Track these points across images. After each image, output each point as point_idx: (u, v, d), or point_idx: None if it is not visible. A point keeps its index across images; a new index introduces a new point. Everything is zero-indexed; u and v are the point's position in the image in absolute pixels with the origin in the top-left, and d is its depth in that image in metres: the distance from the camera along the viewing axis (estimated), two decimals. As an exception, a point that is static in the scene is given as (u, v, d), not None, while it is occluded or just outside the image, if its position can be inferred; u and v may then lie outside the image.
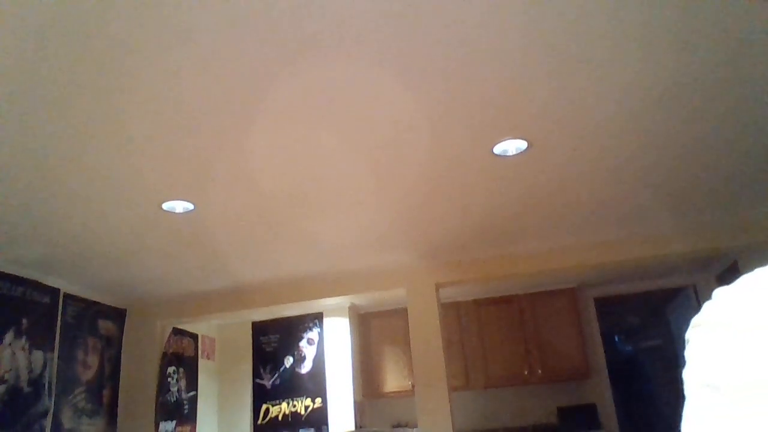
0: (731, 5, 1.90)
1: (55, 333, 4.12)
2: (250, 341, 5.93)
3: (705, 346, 0.45)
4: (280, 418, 5.62)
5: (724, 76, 2.32)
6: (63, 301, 4.22)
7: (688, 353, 0.47)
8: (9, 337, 3.68)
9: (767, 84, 2.40)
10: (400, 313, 5.71)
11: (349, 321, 5.75)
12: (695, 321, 0.48)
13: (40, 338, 3.94)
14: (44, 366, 3.95)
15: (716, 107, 2.57)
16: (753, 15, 1.95)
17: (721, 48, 2.13)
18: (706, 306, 0.47)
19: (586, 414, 5.58)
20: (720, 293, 0.47)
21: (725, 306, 0.45)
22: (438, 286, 4.71)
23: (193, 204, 3.14)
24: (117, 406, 4.72)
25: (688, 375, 0.46)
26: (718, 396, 0.42)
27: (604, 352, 5.87)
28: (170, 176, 2.80)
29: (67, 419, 4.13)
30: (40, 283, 4.01)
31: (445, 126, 2.55)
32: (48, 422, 3.94)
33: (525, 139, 2.73)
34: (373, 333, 6.00)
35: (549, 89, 2.32)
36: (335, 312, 5.75)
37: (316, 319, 5.77)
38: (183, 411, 5.25)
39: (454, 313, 5.93)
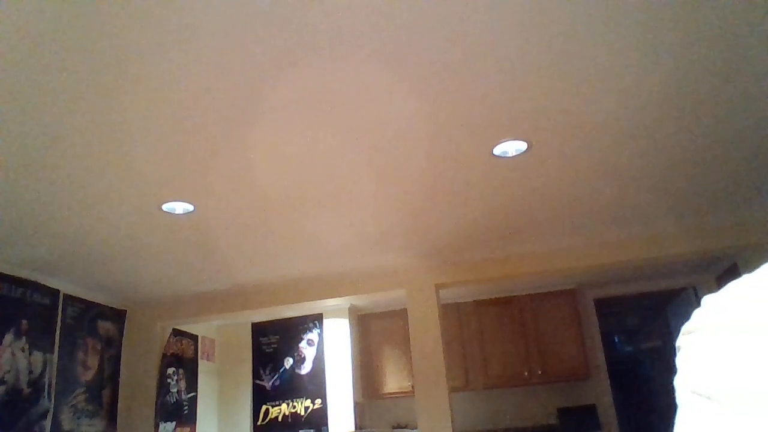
0: (731, 7, 1.90)
1: (55, 334, 4.11)
2: (250, 342, 5.94)
3: (695, 354, 0.45)
4: (279, 419, 5.62)
5: (724, 77, 2.32)
6: (63, 302, 4.22)
7: (679, 361, 0.47)
8: (9, 338, 3.68)
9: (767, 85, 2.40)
10: (400, 314, 5.71)
11: (349, 322, 5.75)
12: (685, 328, 0.47)
13: (39, 339, 3.94)
14: (44, 367, 3.95)
15: (716, 108, 2.56)
16: (753, 17, 1.95)
17: (721, 49, 2.13)
18: (696, 313, 0.47)
19: (586, 415, 5.58)
20: (708, 300, 0.46)
21: (714, 313, 0.45)
22: (438, 287, 4.70)
23: (193, 205, 3.14)
24: (117, 407, 4.71)
25: (679, 383, 0.46)
26: (710, 404, 0.41)
27: (604, 352, 5.87)
28: (170, 177, 2.80)
29: (66, 420, 4.13)
30: (40, 284, 4.01)
31: (445, 127, 2.55)
32: (48, 423, 3.94)
33: (525, 141, 2.73)
34: (373, 334, 6.00)
35: (549, 90, 2.32)
36: (335, 313, 5.74)
37: (316, 320, 5.77)
38: (183, 412, 5.24)
39: (454, 314, 5.93)
